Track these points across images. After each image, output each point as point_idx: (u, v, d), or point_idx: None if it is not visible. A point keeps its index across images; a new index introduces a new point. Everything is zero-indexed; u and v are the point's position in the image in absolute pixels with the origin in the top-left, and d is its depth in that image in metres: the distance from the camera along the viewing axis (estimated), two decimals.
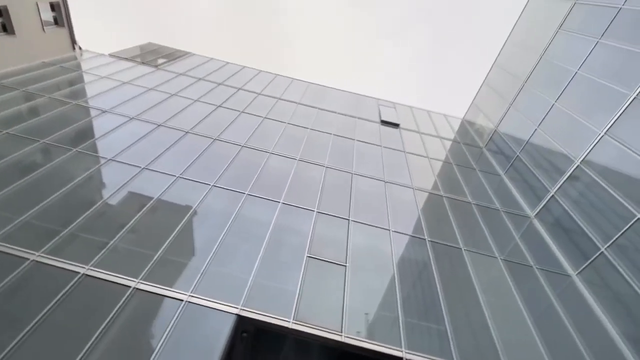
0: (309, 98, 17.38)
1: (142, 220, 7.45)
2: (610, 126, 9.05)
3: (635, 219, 7.58)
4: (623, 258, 7.66)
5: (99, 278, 5.98)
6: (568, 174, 10.10)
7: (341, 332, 6.07)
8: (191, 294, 6.08)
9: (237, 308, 6.03)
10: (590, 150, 9.52)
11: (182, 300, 5.95)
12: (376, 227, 8.99)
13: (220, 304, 6.04)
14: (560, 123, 11.21)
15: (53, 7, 14.74)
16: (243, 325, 6.11)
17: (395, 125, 16.42)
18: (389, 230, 8.97)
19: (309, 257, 7.50)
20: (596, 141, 9.38)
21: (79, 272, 6.00)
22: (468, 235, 9.49)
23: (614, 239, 7.99)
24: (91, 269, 6.09)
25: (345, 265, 7.49)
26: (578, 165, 9.79)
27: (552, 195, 10.50)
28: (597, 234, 8.50)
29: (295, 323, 6.04)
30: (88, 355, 4.88)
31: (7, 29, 12.63)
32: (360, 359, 6.14)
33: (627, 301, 7.24)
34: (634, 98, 8.54)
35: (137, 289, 5.95)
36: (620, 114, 8.83)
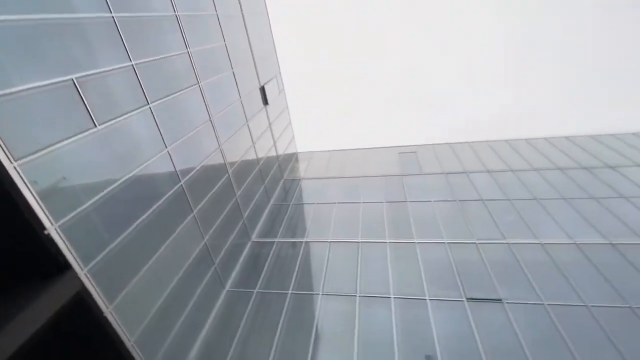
0: (247, 6, 15.55)
1: None
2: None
3: None
4: None
5: None
6: None
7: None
8: None
9: None
10: None
11: None
12: (166, 146, 8.58)
13: None
14: None
15: None
16: None
17: (265, 102, 16.79)
18: (169, 155, 8.73)
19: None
20: None
21: None
22: (204, 210, 10.39)
23: None
24: None
25: (97, 129, 6.64)
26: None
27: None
28: None
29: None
30: None
31: None
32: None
33: None
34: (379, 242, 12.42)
35: None
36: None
